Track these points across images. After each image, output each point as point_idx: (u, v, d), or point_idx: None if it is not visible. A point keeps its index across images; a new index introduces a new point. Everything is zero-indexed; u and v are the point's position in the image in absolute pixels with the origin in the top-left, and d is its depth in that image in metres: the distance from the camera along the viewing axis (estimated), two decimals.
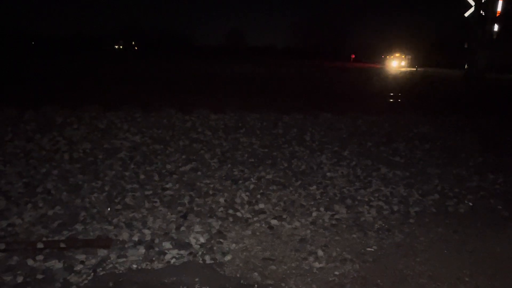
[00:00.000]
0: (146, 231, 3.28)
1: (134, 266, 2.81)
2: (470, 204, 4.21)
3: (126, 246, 3.05)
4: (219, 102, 9.38)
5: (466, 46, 26.19)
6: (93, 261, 2.83)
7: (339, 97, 13.05)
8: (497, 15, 21.80)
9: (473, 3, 22.24)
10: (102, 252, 2.94)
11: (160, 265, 2.82)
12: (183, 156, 5.33)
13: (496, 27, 22.37)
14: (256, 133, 6.76)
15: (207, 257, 2.93)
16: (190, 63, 31.04)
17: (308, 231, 3.47)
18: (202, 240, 3.18)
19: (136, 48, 62.24)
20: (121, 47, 61.65)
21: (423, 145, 6.58)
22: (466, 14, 22.97)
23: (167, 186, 4.29)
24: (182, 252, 2.99)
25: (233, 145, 6.00)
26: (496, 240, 3.40)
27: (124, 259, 2.87)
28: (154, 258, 2.91)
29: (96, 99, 8.35)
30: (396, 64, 51.09)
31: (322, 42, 63.80)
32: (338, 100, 11.93)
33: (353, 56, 61.47)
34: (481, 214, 3.98)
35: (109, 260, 2.85)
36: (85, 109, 7.23)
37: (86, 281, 2.60)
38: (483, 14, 21.96)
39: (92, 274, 2.68)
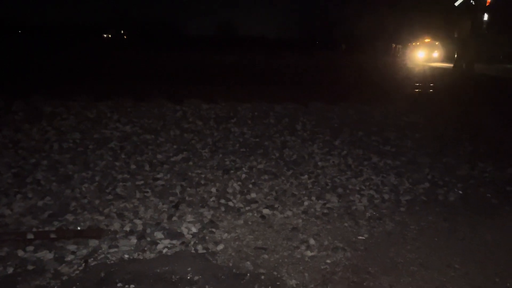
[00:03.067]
0: (138, 221, 3.27)
1: (126, 256, 2.80)
2: (460, 192, 4.26)
3: (117, 236, 3.04)
4: (210, 92, 9.31)
5: (456, 36, 26.27)
6: (84, 251, 2.82)
7: (330, 87, 13.05)
8: (487, 4, 21.88)
9: None
10: (93, 243, 2.93)
11: (152, 255, 2.82)
12: (174, 146, 5.30)
13: (486, 17, 22.47)
14: (248, 123, 6.74)
15: (199, 247, 2.94)
16: (180, 53, 30.76)
17: (300, 220, 3.48)
18: (194, 229, 3.18)
19: (125, 37, 61.43)
20: (110, 36, 60.75)
21: (413, 134, 6.61)
22: (456, 3, 23.02)
23: (158, 176, 4.27)
24: (174, 241, 2.99)
25: (224, 135, 5.98)
26: (486, 228, 3.44)
27: (116, 249, 2.86)
28: (146, 248, 2.90)
29: (85, 89, 8.25)
30: (424, 55, 35.39)
31: (312, 31, 63.53)
32: (329, 90, 11.93)
33: (343, 46, 60.89)
34: (471, 202, 4.03)
35: (100, 251, 2.84)
36: (74, 99, 7.14)
37: (77, 272, 2.59)
38: (473, 3, 22.02)
39: (83, 264, 2.67)
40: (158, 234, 3.07)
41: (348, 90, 12.12)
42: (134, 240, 2.99)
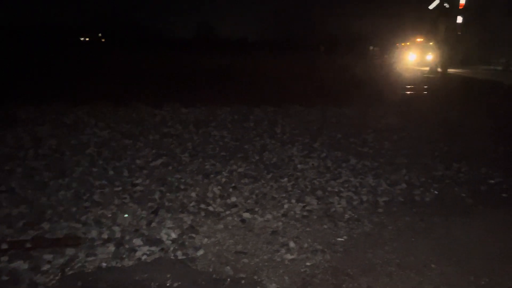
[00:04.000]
0: (116, 228, 3.23)
1: (104, 264, 2.76)
2: (436, 192, 4.35)
3: (95, 244, 2.99)
4: (189, 96, 9.28)
5: (431, 38, 26.84)
6: (61, 260, 2.76)
7: (309, 90, 13.15)
8: (461, 7, 22.45)
9: None
10: (70, 251, 2.87)
11: (130, 263, 2.79)
12: (153, 151, 5.25)
13: (459, 20, 23.05)
14: (227, 127, 6.74)
15: (179, 253, 2.92)
16: (159, 55, 30.50)
17: (280, 223, 3.50)
18: (173, 235, 3.16)
19: (103, 40, 60.55)
20: (87, 39, 59.71)
21: (391, 136, 6.73)
22: (431, 7, 23.56)
23: (137, 181, 4.23)
24: (153, 248, 2.96)
25: (204, 139, 5.96)
26: (460, 227, 3.53)
27: (93, 258, 2.82)
28: (124, 256, 2.86)
29: (62, 94, 8.11)
30: (415, 58, 30.53)
31: (291, 34, 63.86)
32: (308, 93, 12.02)
33: (322, 48, 61.35)
34: (446, 202, 4.12)
35: (77, 259, 2.79)
36: (50, 104, 7.00)
37: (53, 282, 2.54)
38: (447, 6, 22.57)
39: (60, 274, 2.61)
40: (137, 241, 3.03)
41: (327, 92, 12.25)
42: (112, 247, 2.94)
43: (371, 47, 55.63)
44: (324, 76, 19.50)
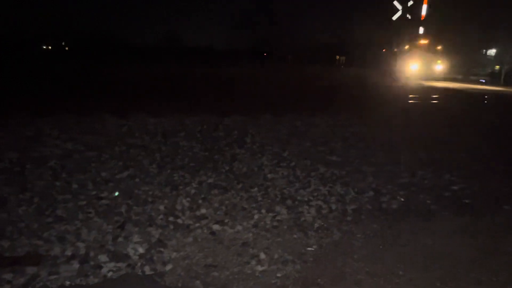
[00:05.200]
0: (80, 244, 3.11)
1: (67, 282, 2.65)
2: (402, 199, 4.45)
3: (58, 261, 2.87)
4: (157, 105, 9.15)
5: (394, 49, 27.76)
6: (22, 280, 2.63)
7: (277, 99, 13.27)
8: (422, 18, 23.33)
9: (400, 7, 23.62)
10: (32, 270, 2.75)
11: (96, 280, 2.69)
12: (120, 163, 5.12)
13: (421, 30, 23.94)
14: (197, 137, 6.68)
15: (146, 268, 2.84)
16: (125, 64, 30.03)
17: (250, 234, 3.47)
18: (141, 250, 3.07)
19: (66, 48, 58.90)
20: (49, 47, 57.90)
21: (358, 144, 6.86)
22: (394, 18, 24.36)
23: (103, 195, 4.10)
24: (119, 264, 2.86)
25: (172, 150, 5.87)
26: (426, 233, 3.61)
27: (56, 276, 2.70)
28: (89, 273, 2.76)
29: (22, 105, 7.81)
30: (418, 67, 23.87)
31: (260, 43, 64.33)
32: (277, 102, 12.12)
33: (289, 57, 62.12)
34: (412, 208, 4.21)
35: (39, 278, 2.67)
36: (10, 116, 6.72)
37: None
38: (409, 17, 23.41)
39: None
40: (102, 257, 2.93)
41: (295, 101, 12.39)
42: (76, 264, 2.83)
43: (338, 57, 56.89)
44: (292, 85, 19.74)
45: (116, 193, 3.39)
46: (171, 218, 3.67)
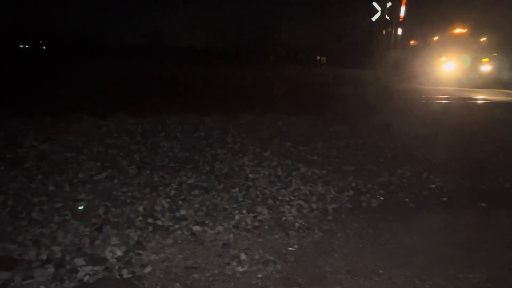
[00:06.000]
0: (56, 248, 3.03)
1: (42, 287, 2.57)
2: (382, 198, 4.50)
3: (32, 266, 2.78)
4: (136, 105, 9.02)
5: (374, 49, 28.06)
6: None
7: (259, 99, 13.26)
8: (401, 19, 23.69)
9: (379, 8, 23.95)
10: (4, 275, 2.66)
11: (72, 284, 2.62)
12: (98, 164, 5.02)
13: (400, 31, 24.29)
14: (177, 137, 6.60)
15: (124, 271, 2.78)
16: (106, 63, 29.55)
17: (231, 235, 3.45)
18: (119, 253, 3.01)
19: (44, 47, 57.66)
20: (26, 46, 56.61)
21: (338, 143, 6.90)
22: (373, 19, 24.66)
23: (80, 197, 4.01)
24: (96, 268, 2.80)
25: (152, 150, 5.79)
26: (405, 232, 3.65)
27: (30, 281, 2.62)
28: (65, 277, 2.68)
29: None
30: (455, 68, 18.86)
31: (242, 43, 64.31)
32: (258, 102, 12.11)
33: (271, 58, 62.28)
34: (391, 207, 4.26)
35: (12, 283, 2.59)
36: None
37: None
38: (388, 18, 23.77)
39: None
40: (79, 261, 2.86)
41: (277, 101, 12.40)
42: (51, 269, 2.75)
43: (319, 57, 57.35)
44: (273, 85, 19.77)
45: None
46: (150, 220, 3.61)
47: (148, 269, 2.83)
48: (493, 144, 7.57)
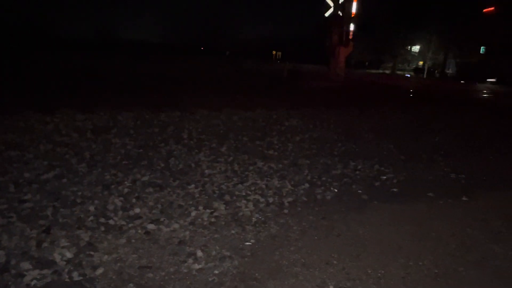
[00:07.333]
0: (0, 252, 2.85)
1: None
2: (336, 190, 4.60)
3: None
4: (86, 101, 8.68)
5: (327, 44, 28.56)
6: None
7: (214, 94, 13.16)
8: (352, 15, 24.27)
9: (332, 4, 24.40)
10: None
11: None
12: (45, 162, 4.78)
13: (352, 27, 24.86)
14: (130, 133, 6.42)
15: (74, 274, 2.66)
16: (52, 57, 28.18)
17: (187, 232, 3.39)
18: (68, 255, 2.88)
19: None
20: None
21: (294, 138, 6.99)
22: (326, 14, 25.09)
23: (26, 197, 3.79)
24: (44, 271, 2.66)
25: (103, 147, 5.59)
26: (358, 223, 3.76)
27: None
28: (10, 283, 2.53)
29: None
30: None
31: (198, 38, 63.46)
32: (216, 96, 12.02)
33: (227, 52, 61.95)
34: (345, 199, 4.37)
35: None
36: None
37: None
38: (341, 14, 24.28)
39: None
40: (25, 265, 2.70)
41: (233, 96, 12.37)
42: None
43: (274, 52, 57.77)
44: (230, 80, 19.69)
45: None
46: (102, 220, 3.48)
47: (100, 271, 2.72)
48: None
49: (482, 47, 40.91)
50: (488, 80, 39.95)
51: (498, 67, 38.68)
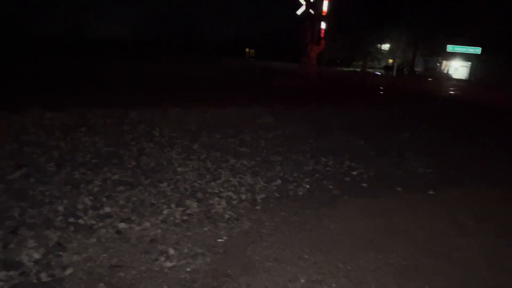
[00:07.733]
0: None
1: None
2: (308, 186, 4.67)
3: None
4: (54, 98, 8.45)
5: (300, 42, 28.79)
6: None
7: (187, 91, 13.07)
8: (323, 14, 24.57)
9: (303, 2, 24.62)
10: None
11: None
12: (11, 162, 4.63)
13: (323, 25, 25.17)
14: (100, 131, 6.30)
15: (43, 274, 2.61)
16: (19, 54, 27.24)
17: (159, 230, 3.37)
18: (36, 256, 2.81)
19: None
20: None
21: (266, 135, 7.03)
22: (298, 12, 25.30)
23: None
24: (11, 273, 2.59)
25: (73, 146, 5.47)
26: (330, 217, 3.83)
27: None
28: None
29: None
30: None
31: (171, 35, 62.60)
32: (188, 93, 11.94)
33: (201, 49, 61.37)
34: (316, 195, 4.44)
35: None
36: None
37: None
38: (312, 12, 24.55)
39: None
40: None
41: (205, 94, 12.32)
42: None
43: (247, 49, 57.76)
44: (202, 77, 19.57)
45: None
46: (71, 219, 3.42)
47: (69, 271, 2.68)
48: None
49: (448, 45, 42.14)
50: (454, 78, 41.28)
51: None
